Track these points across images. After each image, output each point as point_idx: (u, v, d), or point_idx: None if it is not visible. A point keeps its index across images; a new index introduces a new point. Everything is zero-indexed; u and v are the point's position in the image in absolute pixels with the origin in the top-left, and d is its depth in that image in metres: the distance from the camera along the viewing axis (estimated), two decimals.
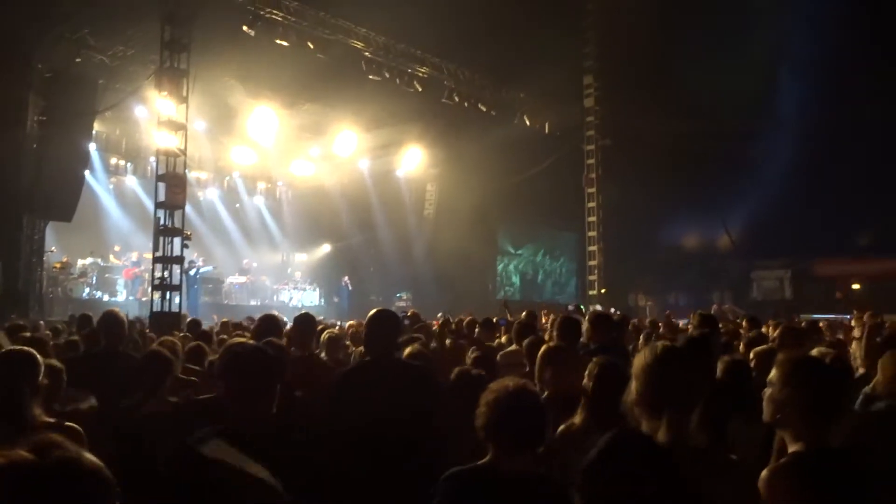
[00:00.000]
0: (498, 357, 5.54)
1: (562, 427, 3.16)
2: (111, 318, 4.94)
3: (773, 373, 2.45)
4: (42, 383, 3.11)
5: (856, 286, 23.69)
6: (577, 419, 3.12)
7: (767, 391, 2.44)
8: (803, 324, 8.64)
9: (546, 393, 3.52)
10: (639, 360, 2.41)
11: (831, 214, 22.47)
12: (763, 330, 7.26)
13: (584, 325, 5.45)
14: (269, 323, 5.19)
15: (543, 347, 3.98)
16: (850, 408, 3.57)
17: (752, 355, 4.46)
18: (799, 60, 21.66)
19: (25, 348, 3.31)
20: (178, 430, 2.85)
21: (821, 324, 9.34)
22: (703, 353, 4.00)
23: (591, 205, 22.61)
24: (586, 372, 3.19)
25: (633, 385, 2.39)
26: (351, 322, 10.85)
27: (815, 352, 4.00)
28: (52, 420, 3.04)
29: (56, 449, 1.22)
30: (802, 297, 23.71)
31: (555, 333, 5.21)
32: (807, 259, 25.27)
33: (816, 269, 25.19)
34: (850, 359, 5.77)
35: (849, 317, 8.96)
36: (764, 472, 2.26)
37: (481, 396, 2.56)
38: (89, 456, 1.27)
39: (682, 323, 12.53)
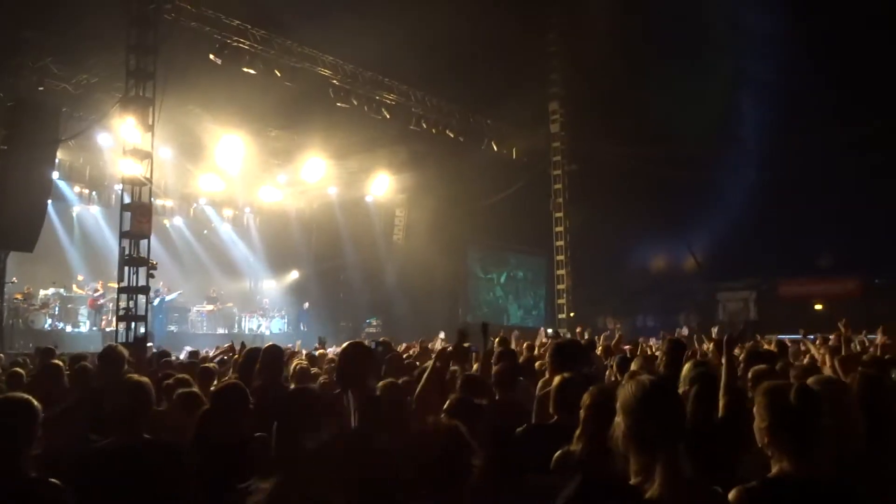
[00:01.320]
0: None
1: (558, 454, 3.18)
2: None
3: (758, 401, 2.53)
4: (37, 433, 2.96)
5: (818, 307, 24.18)
6: (574, 447, 3.12)
7: (756, 421, 2.51)
8: (771, 345, 8.74)
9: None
10: (626, 394, 2.38)
11: (792, 237, 23.00)
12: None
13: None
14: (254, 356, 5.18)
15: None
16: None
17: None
18: (759, 85, 22.19)
19: (21, 395, 3.11)
20: None
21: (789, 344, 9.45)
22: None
23: (559, 229, 22.82)
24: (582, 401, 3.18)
25: (622, 420, 2.36)
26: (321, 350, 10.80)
27: (811, 379, 4.00)
28: (37, 476, 2.89)
29: None
30: (767, 318, 24.10)
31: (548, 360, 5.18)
32: (770, 280, 25.77)
33: (780, 290, 25.68)
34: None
35: (812, 337, 9.11)
36: (731, 493, 2.34)
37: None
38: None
39: (652, 342, 12.64)
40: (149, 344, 12.41)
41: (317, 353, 10.21)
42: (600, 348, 8.98)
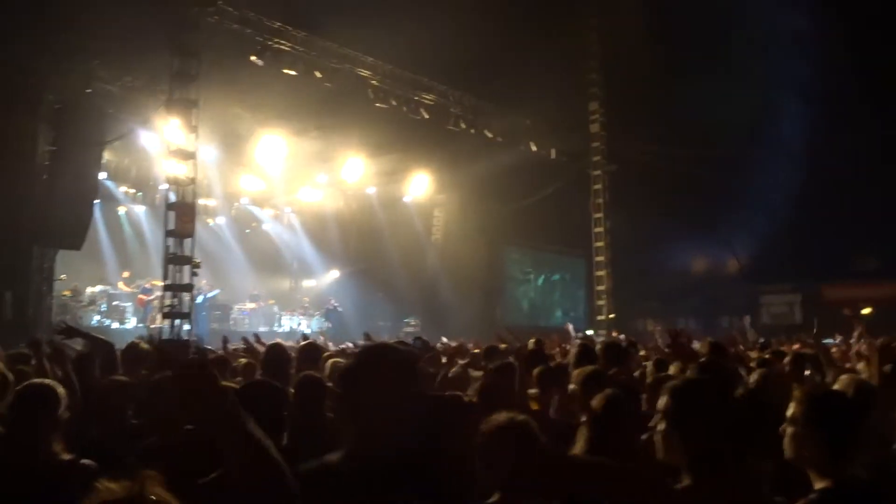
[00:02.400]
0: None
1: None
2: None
3: (793, 409, 2.43)
4: (62, 417, 3.11)
5: (866, 311, 23.56)
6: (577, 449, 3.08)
7: (789, 429, 2.41)
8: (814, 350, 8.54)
9: None
10: (675, 395, 2.30)
11: (837, 239, 22.44)
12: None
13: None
14: (277, 354, 5.22)
15: None
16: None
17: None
18: (802, 85, 21.77)
19: (45, 381, 3.30)
20: None
21: (833, 349, 9.23)
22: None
23: (599, 230, 22.64)
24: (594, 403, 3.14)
25: (666, 424, 2.29)
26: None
27: (839, 383, 3.91)
28: (69, 457, 3.03)
29: None
30: (812, 322, 23.56)
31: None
32: (815, 283, 25.18)
33: (825, 294, 25.09)
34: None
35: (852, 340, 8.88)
36: None
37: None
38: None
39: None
40: (192, 339, 12.66)
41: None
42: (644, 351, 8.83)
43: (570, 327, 11.11)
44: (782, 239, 22.91)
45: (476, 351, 8.02)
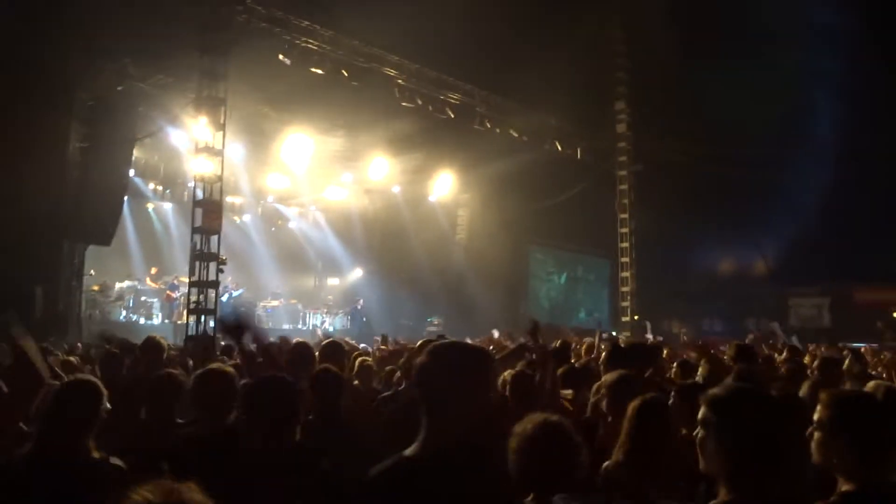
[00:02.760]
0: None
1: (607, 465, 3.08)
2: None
3: (821, 412, 2.37)
4: (102, 415, 3.10)
5: None
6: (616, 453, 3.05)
7: (816, 434, 2.35)
8: (844, 352, 8.44)
9: None
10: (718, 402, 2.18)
11: (868, 241, 22.06)
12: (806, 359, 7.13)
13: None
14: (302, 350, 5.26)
15: None
16: None
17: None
18: (830, 82, 21.43)
19: (90, 379, 3.30)
20: None
21: (862, 349, 9.12)
22: None
23: (624, 230, 22.49)
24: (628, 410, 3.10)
25: (709, 434, 2.16)
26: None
27: (870, 385, 3.84)
28: (98, 456, 3.03)
29: None
30: (842, 325, 23.23)
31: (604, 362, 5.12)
32: (845, 286, 24.79)
33: (855, 297, 24.70)
34: None
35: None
36: None
37: None
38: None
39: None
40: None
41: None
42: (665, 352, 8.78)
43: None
44: (812, 240, 22.56)
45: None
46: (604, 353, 5.57)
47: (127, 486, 1.46)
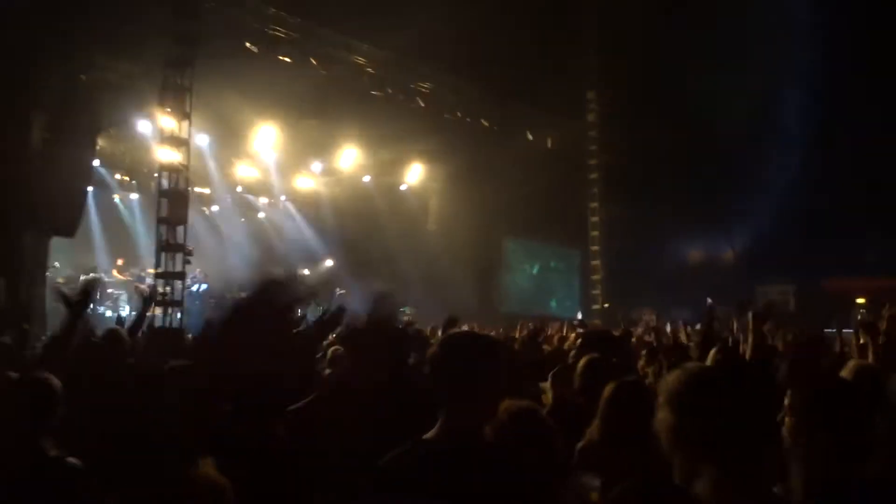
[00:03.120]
0: None
1: (580, 444, 3.10)
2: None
3: (791, 397, 2.32)
4: (58, 411, 3.01)
5: (860, 300, 23.57)
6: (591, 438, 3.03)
7: (787, 419, 2.29)
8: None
9: None
10: (676, 384, 2.06)
11: (837, 231, 22.39)
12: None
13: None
14: None
15: None
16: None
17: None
18: (802, 72, 21.66)
19: (41, 376, 3.17)
20: None
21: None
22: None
23: (594, 219, 22.65)
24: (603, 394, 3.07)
25: (669, 416, 2.04)
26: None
27: (851, 364, 3.73)
28: (57, 454, 2.93)
29: None
30: (808, 313, 23.58)
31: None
32: (813, 276, 25.16)
33: (822, 285, 25.08)
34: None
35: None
36: None
37: None
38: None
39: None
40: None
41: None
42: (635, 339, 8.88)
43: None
44: (781, 229, 22.86)
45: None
46: (578, 340, 5.61)
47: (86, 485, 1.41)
